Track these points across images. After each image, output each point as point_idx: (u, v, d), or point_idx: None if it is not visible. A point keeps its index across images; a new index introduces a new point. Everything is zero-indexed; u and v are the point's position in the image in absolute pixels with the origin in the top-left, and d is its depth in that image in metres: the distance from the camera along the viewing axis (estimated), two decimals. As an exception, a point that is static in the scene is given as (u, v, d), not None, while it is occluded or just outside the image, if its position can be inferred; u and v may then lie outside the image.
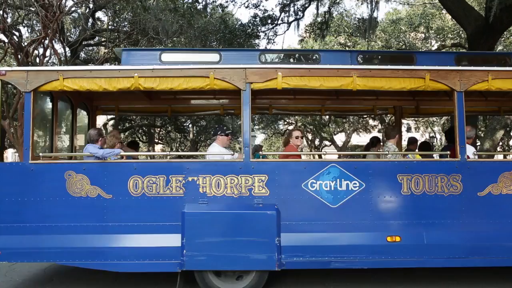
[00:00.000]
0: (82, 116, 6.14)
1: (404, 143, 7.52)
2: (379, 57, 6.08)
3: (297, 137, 5.16)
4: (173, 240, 4.16)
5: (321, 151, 32.81)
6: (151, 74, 4.35)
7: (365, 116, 21.83)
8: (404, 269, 4.90)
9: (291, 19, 16.32)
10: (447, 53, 10.83)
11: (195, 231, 4.14)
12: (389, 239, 4.34)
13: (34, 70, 4.51)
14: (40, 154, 4.66)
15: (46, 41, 11.06)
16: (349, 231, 4.35)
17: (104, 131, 5.06)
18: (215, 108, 6.58)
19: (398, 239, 4.35)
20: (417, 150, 6.83)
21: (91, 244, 4.21)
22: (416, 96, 6.28)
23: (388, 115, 25.09)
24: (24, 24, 14.90)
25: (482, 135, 18.47)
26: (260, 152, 8.80)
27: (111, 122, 31.06)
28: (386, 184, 4.43)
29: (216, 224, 4.19)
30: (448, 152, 4.68)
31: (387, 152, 4.94)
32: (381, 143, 6.92)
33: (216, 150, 4.96)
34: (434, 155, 6.45)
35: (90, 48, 22.34)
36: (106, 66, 4.52)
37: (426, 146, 7.39)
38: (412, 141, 6.85)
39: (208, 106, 6.56)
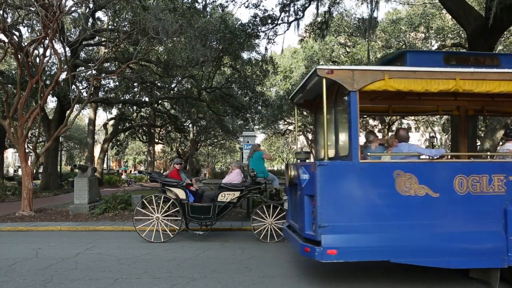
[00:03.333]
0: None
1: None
2: None
3: None
4: (497, 237, 4.38)
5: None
6: (470, 76, 4.48)
7: (365, 116, 21.83)
8: (404, 269, 4.90)
9: (291, 19, 16.32)
10: None
11: None
12: None
13: (360, 69, 4.54)
14: (368, 153, 4.98)
15: (46, 41, 11.03)
16: None
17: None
18: (430, 109, 6.80)
19: None
20: None
21: (422, 242, 4.34)
22: None
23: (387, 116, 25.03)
24: (24, 24, 14.92)
25: (482, 135, 18.47)
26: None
27: (111, 122, 31.10)
28: None
29: None
30: None
31: None
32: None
33: None
34: None
35: (90, 48, 22.41)
36: (428, 68, 4.53)
37: None
38: None
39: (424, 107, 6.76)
